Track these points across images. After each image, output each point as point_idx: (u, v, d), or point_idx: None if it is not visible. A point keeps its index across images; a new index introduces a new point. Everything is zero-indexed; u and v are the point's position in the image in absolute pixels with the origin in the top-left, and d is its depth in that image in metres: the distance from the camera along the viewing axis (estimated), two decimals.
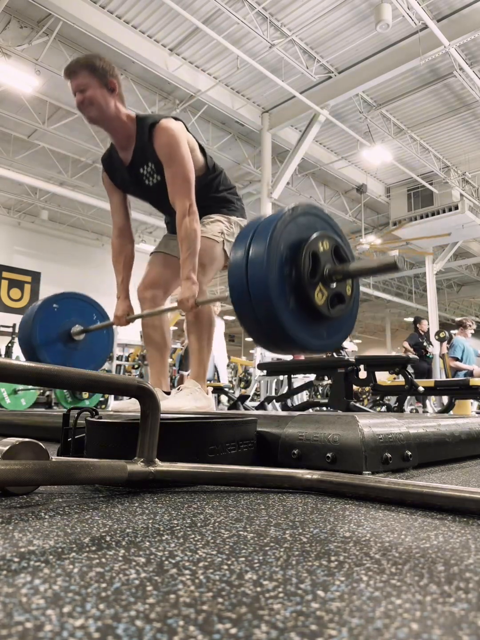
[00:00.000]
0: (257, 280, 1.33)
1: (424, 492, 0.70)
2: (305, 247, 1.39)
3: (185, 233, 1.95)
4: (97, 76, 1.98)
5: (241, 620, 0.33)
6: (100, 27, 6.97)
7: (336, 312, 1.50)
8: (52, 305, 2.53)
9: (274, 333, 1.38)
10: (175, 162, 1.98)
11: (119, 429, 0.95)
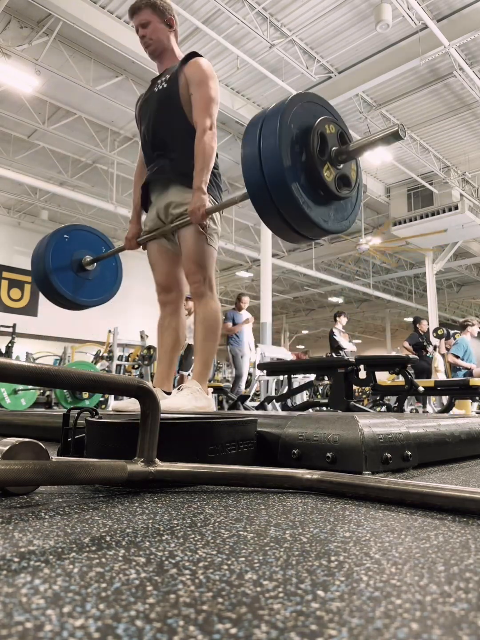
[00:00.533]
0: (271, 164, 1.43)
1: (424, 492, 0.70)
2: (314, 128, 1.50)
3: (203, 149, 2.05)
4: (157, 13, 2.21)
5: (241, 620, 0.33)
6: (100, 27, 6.97)
7: (343, 193, 1.61)
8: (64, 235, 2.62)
9: (289, 211, 1.49)
10: (205, 85, 2.12)
11: (119, 429, 0.95)
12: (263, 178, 1.47)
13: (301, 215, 1.51)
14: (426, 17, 6.61)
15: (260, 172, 1.47)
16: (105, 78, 8.36)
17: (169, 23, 2.25)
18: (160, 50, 2.26)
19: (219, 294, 20.45)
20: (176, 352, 2.34)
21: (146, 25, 2.21)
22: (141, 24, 2.21)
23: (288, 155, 1.45)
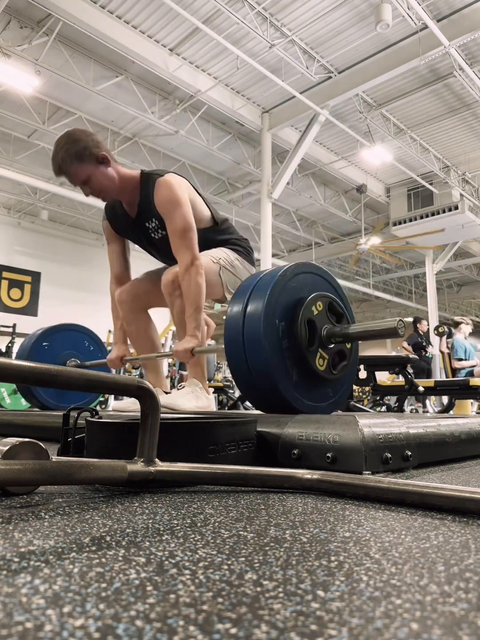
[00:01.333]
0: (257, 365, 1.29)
1: (424, 492, 0.70)
2: (300, 316, 1.34)
3: (189, 288, 1.90)
4: (86, 160, 1.90)
5: (241, 620, 0.33)
6: (100, 27, 6.97)
7: (339, 371, 1.46)
8: (42, 344, 2.49)
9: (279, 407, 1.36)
10: (174, 218, 1.95)
11: (119, 429, 0.95)
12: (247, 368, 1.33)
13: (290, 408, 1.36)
14: (426, 17, 6.61)
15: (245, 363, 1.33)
16: (105, 78, 8.35)
17: (102, 160, 1.94)
18: (113, 192, 2.02)
19: None
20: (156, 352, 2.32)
21: (87, 181, 1.94)
22: (81, 183, 1.94)
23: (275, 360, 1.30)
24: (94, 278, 13.36)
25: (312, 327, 1.37)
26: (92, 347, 2.66)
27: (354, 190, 12.29)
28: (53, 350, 2.52)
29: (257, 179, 10.64)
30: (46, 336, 2.53)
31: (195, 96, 8.63)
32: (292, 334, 1.34)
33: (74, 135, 1.91)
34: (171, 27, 7.38)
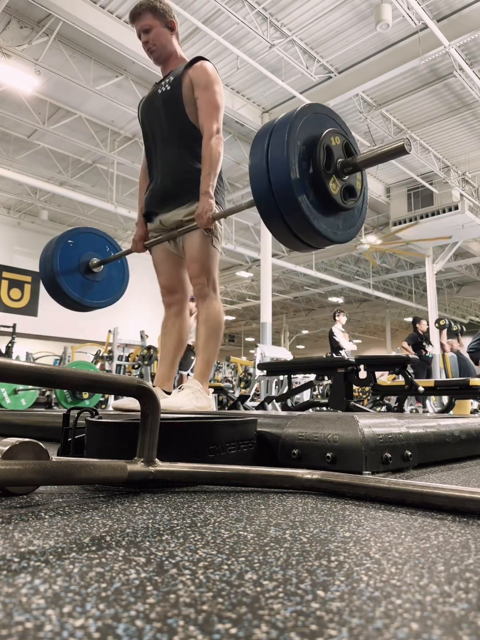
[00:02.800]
0: (279, 177, 1.46)
1: (424, 492, 0.70)
2: (320, 142, 1.52)
3: (210, 153, 2.09)
4: (158, 17, 2.19)
5: (241, 620, 0.33)
6: (100, 27, 6.97)
7: (349, 203, 1.62)
8: (68, 240, 2.63)
9: (297, 224, 1.52)
10: (210, 89, 2.15)
11: (119, 429, 0.95)
12: (270, 189, 1.50)
13: (308, 226, 1.53)
14: (426, 17, 6.61)
15: (268, 183, 1.50)
16: (105, 78, 8.36)
17: (171, 26, 2.23)
18: (165, 55, 2.26)
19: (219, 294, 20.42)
20: (179, 352, 2.35)
21: (148, 31, 2.19)
22: (143, 30, 2.20)
23: (295, 169, 1.47)
24: None
25: (329, 154, 1.55)
26: (112, 252, 2.78)
27: None
28: (77, 249, 2.66)
29: None
30: (71, 235, 2.67)
31: None
32: (311, 157, 1.52)
33: (161, 0, 2.22)
34: None
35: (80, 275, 2.64)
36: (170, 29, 2.23)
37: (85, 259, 2.66)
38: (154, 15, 2.18)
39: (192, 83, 2.15)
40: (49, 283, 2.62)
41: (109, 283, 2.78)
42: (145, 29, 2.19)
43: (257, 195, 1.55)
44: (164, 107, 2.20)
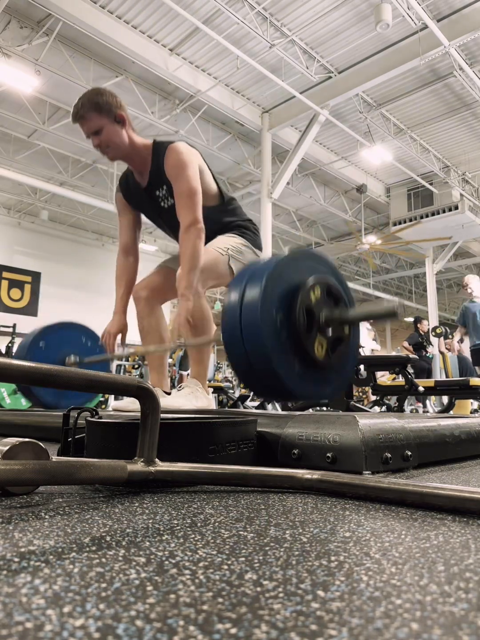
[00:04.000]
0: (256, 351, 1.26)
1: (424, 492, 0.70)
2: (299, 304, 1.31)
3: (186, 247, 1.92)
4: (104, 115, 1.98)
5: (241, 620, 0.33)
6: (100, 27, 6.97)
7: (337, 356, 1.43)
8: (39, 343, 2.47)
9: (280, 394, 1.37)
10: (181, 180, 1.98)
11: (119, 429, 0.95)
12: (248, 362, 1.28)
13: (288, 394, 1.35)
14: (426, 17, 6.60)
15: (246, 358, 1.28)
16: (105, 78, 8.36)
17: (120, 119, 2.01)
18: (122, 153, 2.07)
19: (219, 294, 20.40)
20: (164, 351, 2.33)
21: (99, 132, 2.00)
22: (91, 132, 2.00)
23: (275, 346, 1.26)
24: (94, 278, 13.35)
25: (310, 315, 1.34)
26: (89, 343, 2.64)
27: (354, 190, 12.28)
28: (50, 349, 2.50)
29: (257, 179, 10.64)
30: (43, 335, 2.51)
31: (195, 96, 8.63)
32: (290, 323, 1.31)
33: (102, 90, 2.03)
34: (171, 27, 7.38)
35: None
36: (121, 122, 2.02)
37: (61, 357, 2.48)
38: (100, 114, 1.97)
39: (167, 174, 2.03)
40: (23, 390, 2.50)
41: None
42: (93, 131, 2.00)
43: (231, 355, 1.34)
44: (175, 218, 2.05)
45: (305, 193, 12.20)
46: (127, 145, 2.05)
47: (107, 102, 1.98)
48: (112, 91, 2.05)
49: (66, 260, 13.87)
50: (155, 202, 2.15)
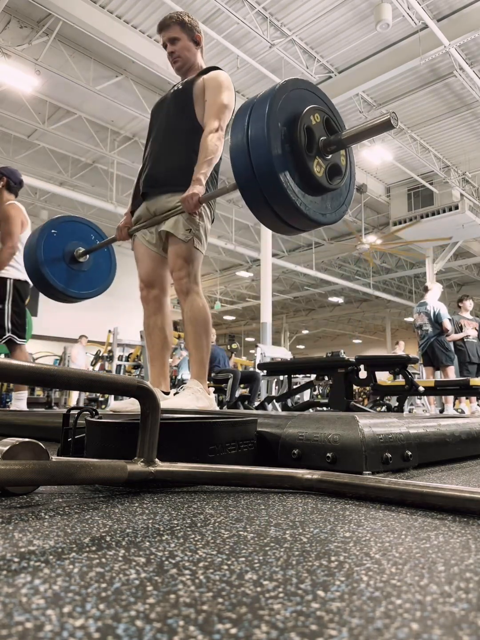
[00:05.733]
0: (260, 160, 1.39)
1: (424, 492, 0.70)
2: (300, 123, 1.44)
3: (209, 145, 2.07)
4: (186, 31, 2.27)
5: (241, 620, 0.33)
6: (100, 27, 6.97)
7: (335, 183, 1.56)
8: (51, 230, 2.57)
9: (282, 209, 1.45)
10: (219, 92, 2.15)
11: (119, 429, 0.95)
12: (253, 175, 1.42)
13: (294, 210, 1.46)
14: (426, 17, 6.60)
15: (250, 166, 1.42)
16: (105, 78, 8.35)
17: (197, 40, 2.31)
18: (187, 67, 2.31)
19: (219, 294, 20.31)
20: (167, 350, 2.32)
21: (175, 42, 2.27)
22: (170, 40, 2.28)
23: (277, 152, 1.40)
24: None
25: (310, 135, 1.46)
26: (97, 240, 2.72)
27: None
28: (61, 238, 2.59)
29: None
30: (54, 225, 2.60)
31: None
32: (292, 138, 1.43)
33: (188, 14, 2.32)
34: None
35: (65, 265, 2.58)
36: (196, 43, 2.31)
37: (70, 248, 2.59)
38: (182, 29, 2.27)
39: (205, 86, 2.19)
40: (34, 273, 2.57)
41: (96, 273, 2.72)
42: (171, 40, 2.27)
43: (238, 176, 1.48)
44: (174, 102, 2.25)
45: None
46: (193, 62, 2.32)
47: (191, 23, 2.29)
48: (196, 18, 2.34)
49: None
50: (168, 94, 2.31)
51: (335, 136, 1.53)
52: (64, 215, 2.77)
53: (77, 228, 2.70)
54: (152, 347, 2.29)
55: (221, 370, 5.92)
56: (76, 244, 2.63)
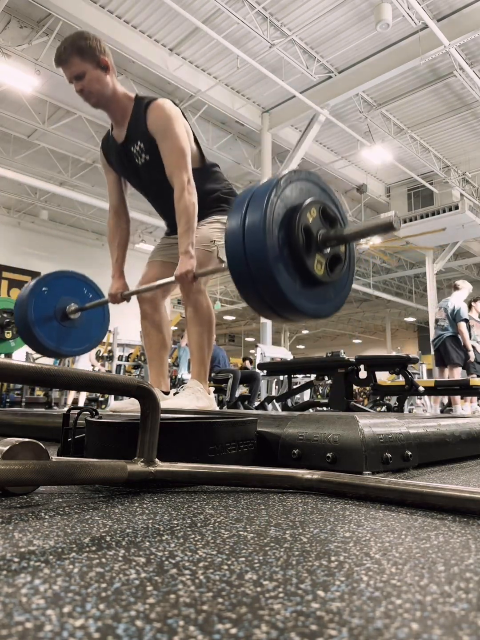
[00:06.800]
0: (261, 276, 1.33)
1: (425, 492, 0.70)
2: (297, 224, 1.37)
3: (184, 207, 1.93)
4: (87, 59, 1.91)
5: (241, 620, 0.33)
6: (100, 27, 6.97)
7: (336, 274, 1.51)
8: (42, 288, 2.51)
9: (282, 310, 1.41)
10: (170, 136, 1.95)
11: (119, 429, 0.95)
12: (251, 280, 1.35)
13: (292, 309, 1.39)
14: (426, 17, 6.60)
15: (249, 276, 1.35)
16: None
17: (104, 65, 1.94)
18: (104, 100, 2.00)
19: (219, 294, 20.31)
20: (165, 350, 2.31)
21: (80, 78, 1.92)
22: (74, 78, 1.93)
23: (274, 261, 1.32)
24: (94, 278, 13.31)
25: (308, 234, 1.41)
26: (90, 294, 2.66)
27: (354, 190, 12.28)
28: (52, 295, 2.54)
29: (257, 179, 10.63)
30: (45, 282, 2.55)
31: (195, 96, 8.63)
32: (290, 241, 1.38)
33: (84, 34, 1.95)
34: (171, 27, 7.37)
35: (57, 322, 2.50)
36: (105, 68, 1.95)
37: (62, 305, 2.52)
38: (82, 59, 1.90)
39: (152, 133, 1.98)
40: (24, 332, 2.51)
41: (88, 329, 2.63)
42: (76, 77, 1.93)
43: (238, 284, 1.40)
44: (151, 176, 2.08)
45: None
46: (110, 92, 1.99)
47: (91, 47, 1.91)
48: (97, 36, 1.97)
49: (66, 260, 13.84)
50: (131, 159, 2.10)
51: (335, 231, 1.46)
52: (56, 272, 2.67)
53: (69, 283, 2.63)
54: (150, 348, 2.28)
55: (221, 370, 5.93)
56: (68, 300, 2.56)
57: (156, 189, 2.14)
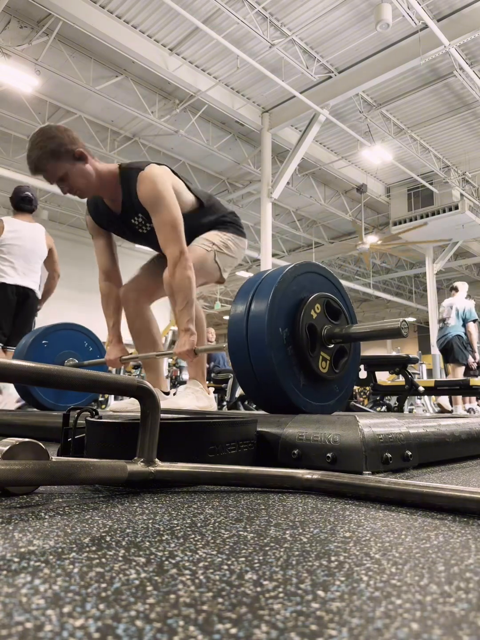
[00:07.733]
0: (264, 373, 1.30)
1: (425, 492, 0.70)
2: (301, 322, 1.33)
3: (180, 282, 1.87)
4: (62, 158, 1.84)
5: (241, 620, 0.33)
6: (100, 27, 6.97)
7: (341, 368, 1.45)
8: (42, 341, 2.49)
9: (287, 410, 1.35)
10: (160, 210, 1.90)
11: (119, 429, 0.95)
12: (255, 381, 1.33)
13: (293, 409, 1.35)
14: (426, 17, 6.60)
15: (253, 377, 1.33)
16: (105, 78, 8.35)
17: (79, 156, 1.87)
18: (92, 188, 1.96)
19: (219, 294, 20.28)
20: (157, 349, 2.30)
21: (63, 180, 1.88)
22: (58, 181, 1.89)
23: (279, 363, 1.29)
24: (94, 278, 13.22)
25: (312, 332, 1.37)
26: (91, 347, 2.64)
27: (354, 190, 12.28)
28: (52, 349, 2.52)
29: (257, 179, 10.64)
30: (45, 335, 2.52)
31: (195, 96, 8.63)
32: (294, 339, 1.34)
33: (48, 132, 1.84)
34: (171, 27, 7.37)
35: None
36: (82, 159, 1.88)
37: (61, 359, 2.51)
38: (57, 159, 1.83)
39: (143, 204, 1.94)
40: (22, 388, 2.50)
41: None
42: (58, 181, 1.88)
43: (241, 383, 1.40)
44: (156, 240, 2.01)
45: (305, 193, 12.20)
46: (95, 179, 1.93)
47: (62, 144, 1.83)
48: (60, 125, 1.91)
49: (66, 260, 13.78)
50: (132, 229, 2.09)
51: (342, 329, 1.42)
52: (57, 324, 2.64)
53: (69, 336, 2.61)
54: (142, 350, 2.26)
55: (221, 370, 5.93)
56: (68, 354, 2.54)
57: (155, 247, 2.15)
